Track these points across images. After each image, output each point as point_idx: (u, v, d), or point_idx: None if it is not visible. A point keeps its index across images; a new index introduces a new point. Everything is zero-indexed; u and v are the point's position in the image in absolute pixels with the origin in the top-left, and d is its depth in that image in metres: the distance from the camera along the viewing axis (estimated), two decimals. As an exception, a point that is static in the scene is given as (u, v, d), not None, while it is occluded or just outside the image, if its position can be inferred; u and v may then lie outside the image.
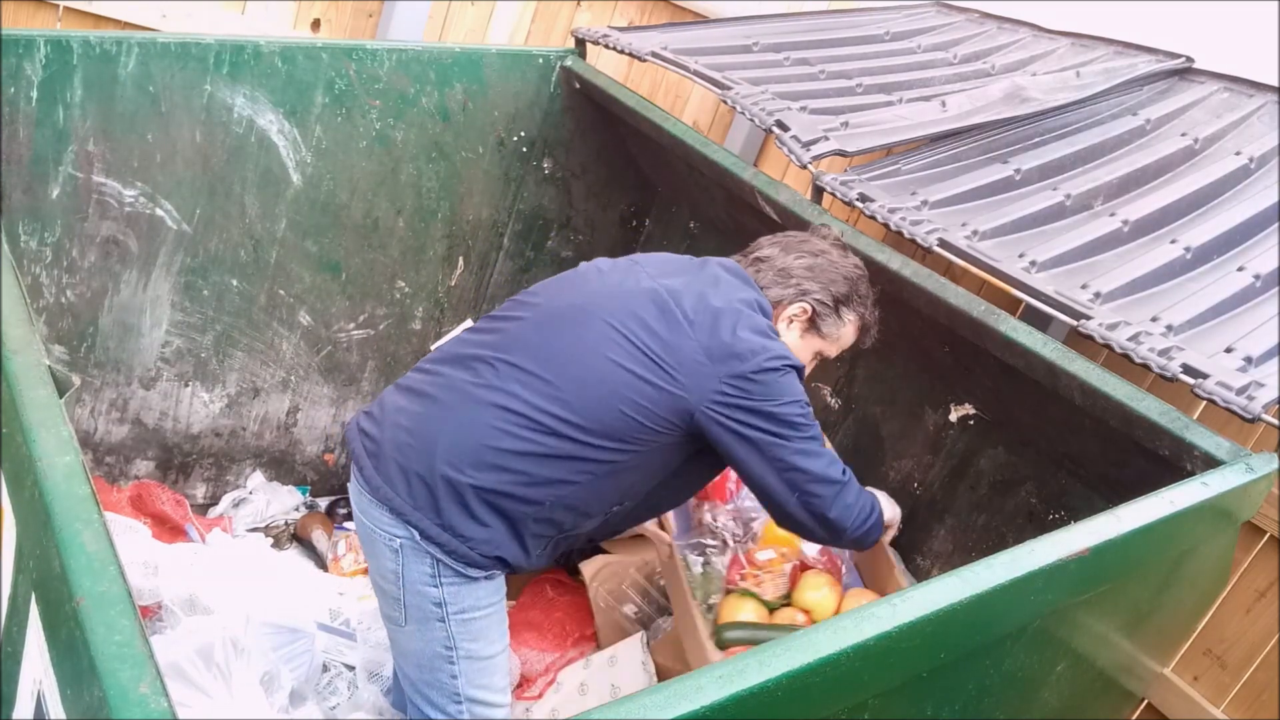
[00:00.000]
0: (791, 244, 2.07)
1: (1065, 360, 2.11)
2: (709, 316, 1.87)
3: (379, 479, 1.87)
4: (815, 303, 2.01)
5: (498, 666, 2.00)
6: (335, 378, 3.25)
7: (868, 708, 1.51)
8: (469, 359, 1.92)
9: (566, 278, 2.11)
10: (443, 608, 1.89)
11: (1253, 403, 1.86)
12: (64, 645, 1.19)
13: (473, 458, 1.81)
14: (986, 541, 2.67)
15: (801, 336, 2.04)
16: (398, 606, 1.94)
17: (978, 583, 1.50)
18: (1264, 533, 2.67)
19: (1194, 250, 2.34)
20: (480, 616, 1.93)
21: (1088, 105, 2.93)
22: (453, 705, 1.97)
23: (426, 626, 1.92)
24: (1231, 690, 2.77)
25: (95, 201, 2.59)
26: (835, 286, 2.03)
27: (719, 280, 1.96)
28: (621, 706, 1.20)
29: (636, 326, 1.86)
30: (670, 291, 1.92)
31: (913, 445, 2.87)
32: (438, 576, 1.86)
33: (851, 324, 2.08)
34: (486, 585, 1.91)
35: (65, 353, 2.74)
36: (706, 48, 3.11)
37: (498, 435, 1.81)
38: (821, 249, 2.07)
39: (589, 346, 1.86)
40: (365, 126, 2.90)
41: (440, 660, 1.94)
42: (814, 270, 2.02)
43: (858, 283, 2.07)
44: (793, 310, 2.01)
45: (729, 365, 1.82)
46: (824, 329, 2.04)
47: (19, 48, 2.32)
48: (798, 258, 2.03)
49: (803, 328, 2.03)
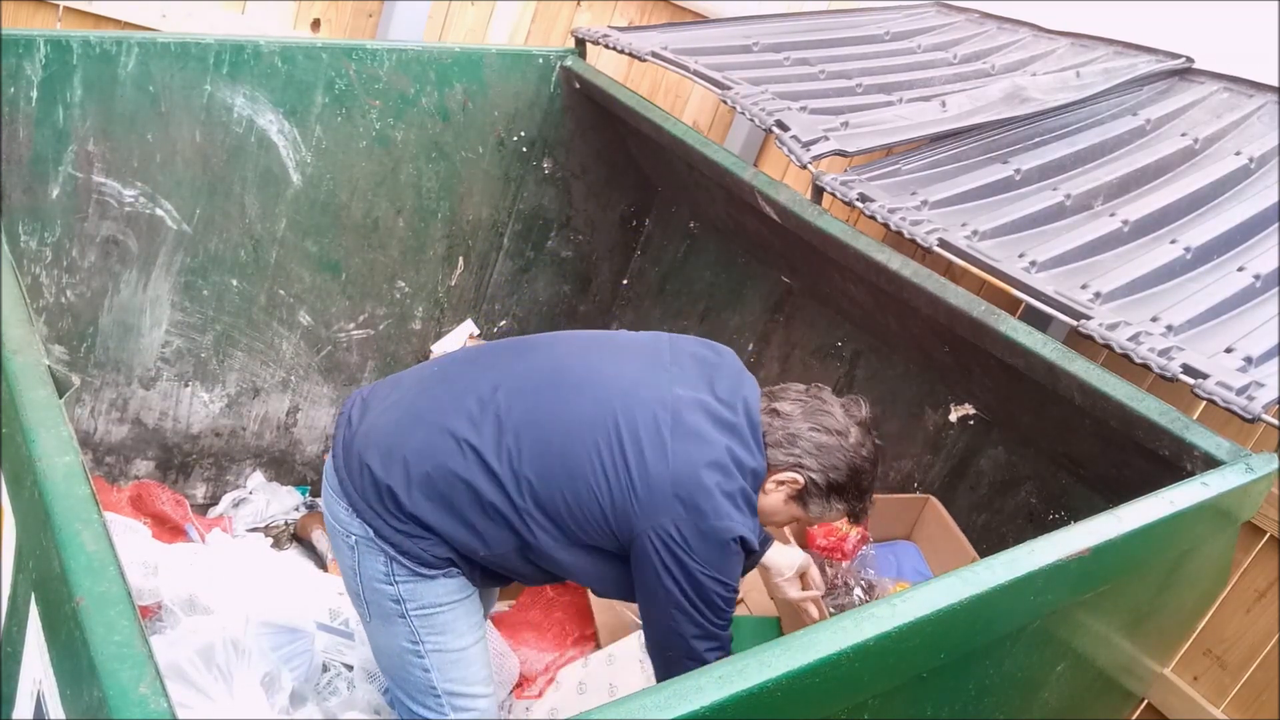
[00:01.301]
0: (814, 410, 1.95)
1: (1065, 360, 2.11)
2: (697, 452, 1.81)
3: (344, 470, 1.90)
4: (809, 480, 1.91)
5: (472, 659, 1.97)
6: (335, 378, 3.25)
7: (867, 708, 1.51)
8: (466, 384, 1.91)
9: (596, 339, 2.07)
10: (401, 604, 1.89)
11: (1253, 403, 1.86)
12: (64, 645, 1.19)
13: (423, 481, 1.83)
14: (986, 541, 2.67)
15: (785, 502, 1.94)
16: (360, 603, 1.95)
17: (978, 583, 1.50)
18: (1264, 533, 2.67)
19: (1194, 250, 2.34)
20: (442, 611, 1.91)
21: (1088, 105, 2.93)
22: (431, 699, 1.96)
23: (389, 623, 1.92)
24: (1231, 690, 2.77)
25: (95, 201, 2.59)
26: (835, 474, 1.91)
27: (733, 425, 1.87)
28: (621, 706, 1.20)
29: (628, 436, 1.82)
30: (675, 407, 1.85)
31: (913, 445, 2.87)
32: (392, 575, 1.87)
33: (839, 512, 1.98)
34: (445, 583, 1.90)
35: (65, 353, 2.74)
36: (706, 48, 3.11)
37: (453, 473, 1.82)
38: (840, 428, 1.93)
39: (577, 432, 1.83)
40: (365, 126, 2.90)
41: (409, 655, 1.93)
42: (821, 450, 1.91)
43: (860, 475, 1.94)
44: (783, 476, 1.91)
45: (691, 513, 1.77)
46: (809, 506, 1.95)
47: (19, 48, 2.32)
48: (812, 428, 1.91)
49: (789, 494, 1.93)
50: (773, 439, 1.91)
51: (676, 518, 1.77)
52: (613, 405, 1.84)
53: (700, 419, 1.85)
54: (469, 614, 1.96)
